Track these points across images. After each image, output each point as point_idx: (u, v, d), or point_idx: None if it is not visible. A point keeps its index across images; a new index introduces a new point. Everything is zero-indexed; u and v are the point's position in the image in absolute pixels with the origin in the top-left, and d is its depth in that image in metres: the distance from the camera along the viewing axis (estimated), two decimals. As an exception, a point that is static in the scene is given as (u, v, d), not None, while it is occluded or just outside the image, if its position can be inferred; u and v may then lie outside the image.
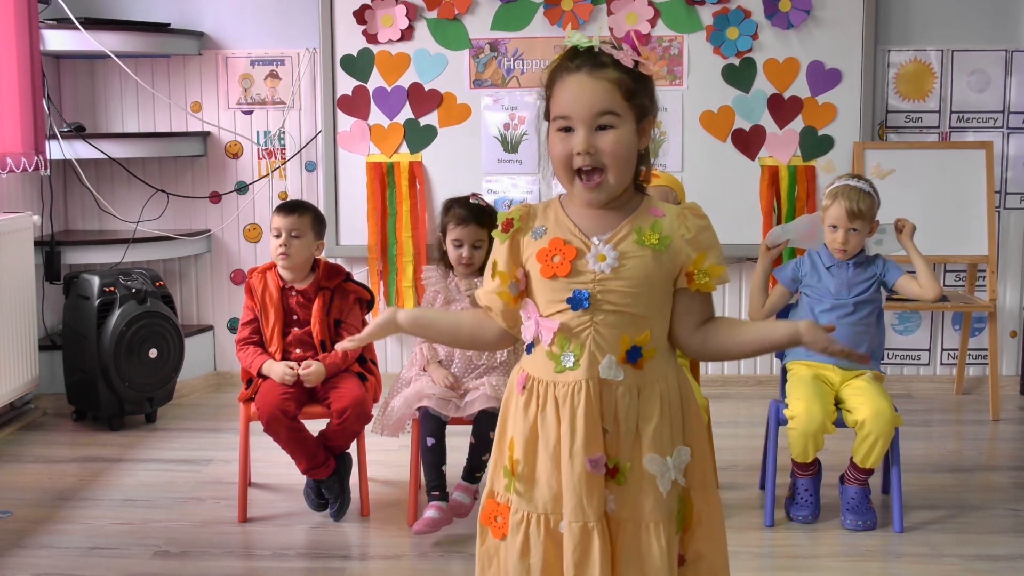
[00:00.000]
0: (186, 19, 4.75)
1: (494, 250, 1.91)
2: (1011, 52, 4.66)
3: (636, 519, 1.83)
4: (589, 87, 1.77)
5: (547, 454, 1.83)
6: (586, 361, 1.80)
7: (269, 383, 3.19)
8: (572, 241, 1.81)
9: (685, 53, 4.63)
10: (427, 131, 4.71)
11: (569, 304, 1.80)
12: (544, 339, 1.83)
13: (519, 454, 1.86)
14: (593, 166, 1.78)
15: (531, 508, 1.85)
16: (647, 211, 1.85)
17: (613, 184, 1.79)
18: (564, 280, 1.80)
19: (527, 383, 1.86)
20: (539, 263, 1.82)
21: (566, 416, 1.81)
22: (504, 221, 1.88)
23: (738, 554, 3.01)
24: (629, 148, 1.79)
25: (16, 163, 4.08)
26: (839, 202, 3.23)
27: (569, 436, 1.80)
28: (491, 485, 1.93)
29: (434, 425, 3.13)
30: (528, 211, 1.89)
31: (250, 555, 3.06)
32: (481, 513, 1.95)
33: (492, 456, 1.96)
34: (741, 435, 4.13)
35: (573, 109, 1.77)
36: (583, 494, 1.80)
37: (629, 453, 1.82)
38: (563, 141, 1.79)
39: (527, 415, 1.86)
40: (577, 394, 1.80)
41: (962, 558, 2.98)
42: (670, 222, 1.83)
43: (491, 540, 1.93)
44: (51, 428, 4.29)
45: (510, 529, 1.87)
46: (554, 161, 1.82)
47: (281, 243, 3.26)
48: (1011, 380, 4.81)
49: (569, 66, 1.79)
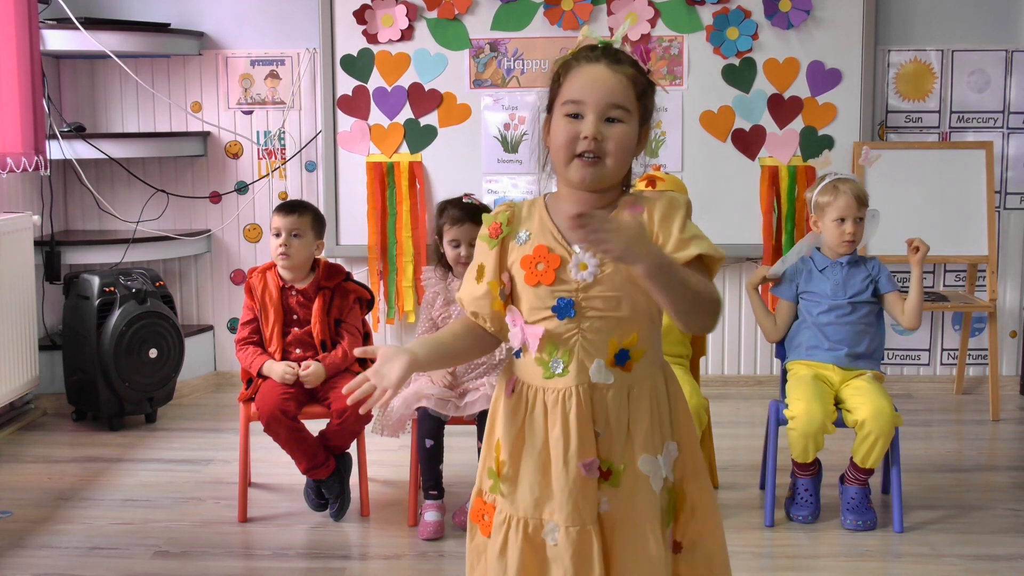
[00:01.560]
0: (186, 19, 4.75)
1: (480, 254, 1.88)
2: (1011, 52, 4.66)
3: (631, 519, 1.83)
4: (607, 77, 1.77)
5: (532, 458, 1.84)
6: (575, 367, 1.80)
7: (269, 383, 3.19)
8: (555, 249, 1.81)
9: (685, 53, 4.63)
10: (427, 131, 4.71)
11: (555, 312, 1.79)
12: (531, 346, 1.82)
13: (505, 456, 1.86)
14: (596, 154, 1.77)
15: (513, 511, 1.86)
16: (625, 210, 1.81)
17: (610, 170, 1.78)
18: (548, 288, 1.79)
19: (516, 387, 1.86)
20: (523, 270, 1.81)
21: (557, 421, 1.81)
22: (491, 226, 1.86)
23: (738, 554, 3.01)
24: (631, 146, 1.80)
25: (16, 163, 4.08)
26: (844, 193, 3.24)
27: (562, 441, 1.80)
28: (479, 483, 1.94)
29: (432, 426, 3.13)
30: (512, 213, 1.86)
31: (250, 555, 3.06)
32: (471, 510, 1.96)
33: (481, 455, 1.97)
34: (741, 435, 4.13)
35: (588, 95, 1.77)
36: (579, 498, 1.80)
37: (621, 455, 1.82)
38: (570, 125, 1.78)
39: (515, 418, 1.85)
40: (568, 400, 1.80)
41: (962, 558, 2.98)
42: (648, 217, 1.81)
43: (480, 537, 1.94)
44: (51, 428, 4.29)
45: (493, 528, 1.89)
46: (555, 145, 1.80)
47: (281, 243, 3.26)
48: (1011, 380, 4.81)
49: (589, 55, 1.80)
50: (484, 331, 1.90)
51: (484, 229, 1.87)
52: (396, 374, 1.76)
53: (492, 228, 1.86)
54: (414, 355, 1.79)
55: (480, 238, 1.88)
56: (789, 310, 3.39)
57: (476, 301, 1.87)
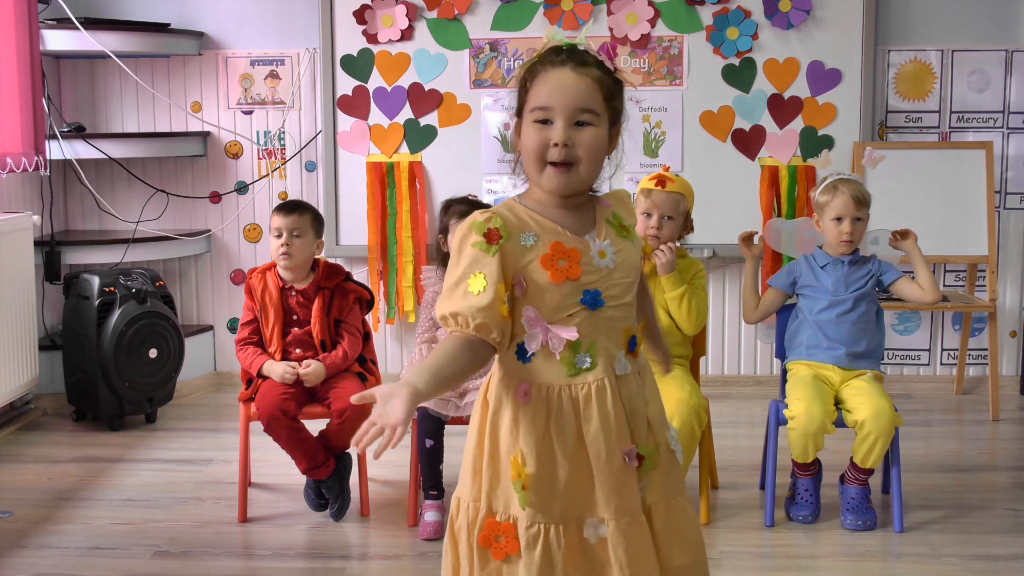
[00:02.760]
0: (186, 19, 4.75)
1: (475, 263, 1.76)
2: (1011, 52, 4.66)
3: (665, 498, 1.87)
4: (573, 81, 1.78)
5: (566, 459, 1.81)
6: (603, 360, 1.81)
7: (269, 383, 3.19)
8: (570, 243, 1.81)
9: (685, 53, 4.63)
10: (427, 131, 4.71)
11: (585, 305, 1.79)
12: (556, 346, 1.79)
13: (532, 467, 1.80)
14: (568, 160, 1.78)
15: (547, 519, 1.81)
16: (601, 206, 1.88)
17: (583, 175, 1.80)
18: (575, 283, 1.79)
19: (531, 391, 1.81)
20: (546, 270, 1.78)
21: (594, 415, 1.80)
22: (487, 232, 1.77)
23: (738, 554, 3.02)
24: (602, 148, 1.81)
25: (16, 163, 4.08)
26: (842, 193, 3.25)
27: (603, 434, 1.80)
28: (488, 504, 1.86)
29: (432, 426, 3.14)
30: (504, 218, 1.81)
31: (250, 555, 3.06)
32: (478, 535, 1.86)
33: (485, 474, 1.87)
34: (741, 435, 4.13)
35: (555, 100, 1.78)
36: (624, 489, 1.82)
37: (646, 438, 1.85)
38: (540, 132, 1.79)
39: (535, 425, 1.81)
40: (602, 392, 1.80)
41: (962, 558, 2.98)
42: (620, 210, 1.90)
43: (493, 562, 1.86)
44: (51, 428, 4.29)
45: (524, 545, 1.82)
46: (526, 152, 1.82)
47: (283, 243, 3.26)
48: (1011, 380, 4.81)
49: (554, 60, 1.80)
50: (482, 343, 1.77)
51: (476, 237, 1.78)
52: (400, 412, 1.64)
53: (489, 234, 1.77)
54: (414, 387, 1.68)
55: (473, 246, 1.77)
56: (776, 298, 3.41)
57: (481, 312, 1.74)
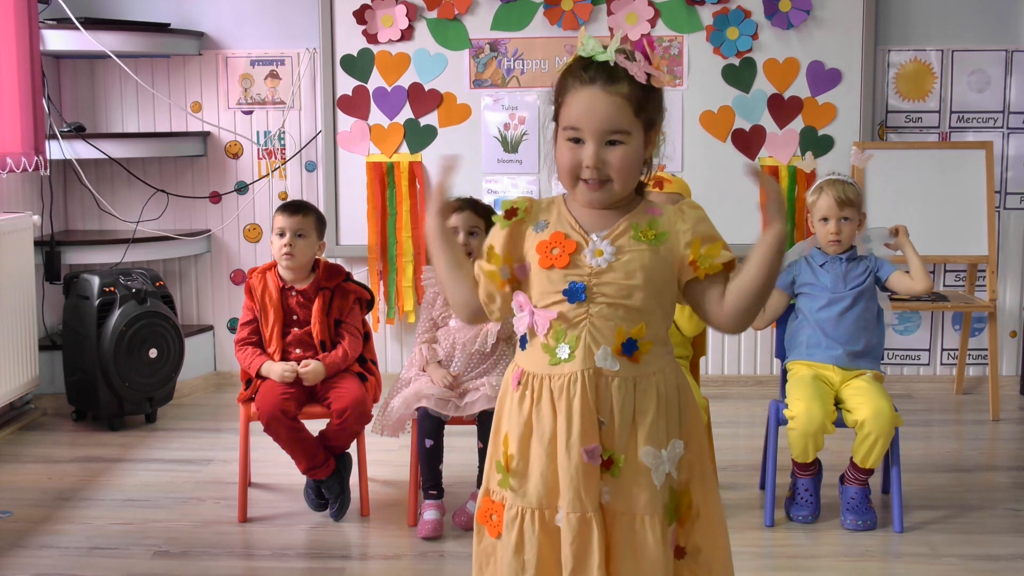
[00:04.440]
0: (186, 19, 4.75)
1: (492, 235, 1.91)
2: (1011, 52, 4.66)
3: (630, 512, 1.84)
4: (602, 103, 1.78)
5: (542, 447, 1.85)
6: (581, 352, 1.82)
7: (269, 383, 3.19)
8: (572, 235, 1.85)
9: (685, 53, 4.63)
10: (427, 131, 4.71)
11: (565, 296, 1.82)
12: (540, 329, 1.85)
13: (514, 449, 1.88)
14: (600, 179, 1.82)
15: (525, 503, 1.86)
16: (646, 210, 1.88)
17: (617, 190, 1.84)
18: (561, 272, 1.83)
19: (522, 378, 1.88)
20: (539, 254, 1.85)
21: (562, 408, 1.82)
22: (508, 208, 1.90)
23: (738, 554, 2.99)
24: (636, 161, 1.83)
25: (16, 163, 4.08)
26: (826, 193, 3.29)
27: (566, 427, 1.82)
28: (486, 483, 1.95)
29: (432, 426, 3.13)
30: (532, 204, 1.91)
31: (250, 555, 3.06)
32: (477, 512, 1.96)
33: (488, 453, 1.97)
34: (741, 435, 4.13)
35: (585, 123, 1.80)
36: (580, 485, 1.81)
37: (624, 446, 1.84)
38: (572, 151, 1.82)
39: (521, 410, 1.87)
40: (573, 385, 1.82)
41: (962, 558, 2.98)
42: (667, 219, 1.87)
43: (488, 539, 1.94)
44: (51, 428, 4.29)
45: (504, 526, 1.89)
46: (561, 168, 1.85)
47: (286, 243, 3.26)
48: (1011, 380, 4.81)
49: (583, 76, 1.80)
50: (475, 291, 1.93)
51: (499, 212, 1.93)
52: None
53: (508, 211, 1.90)
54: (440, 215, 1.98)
55: (494, 219, 1.93)
56: (780, 301, 3.41)
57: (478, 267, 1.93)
